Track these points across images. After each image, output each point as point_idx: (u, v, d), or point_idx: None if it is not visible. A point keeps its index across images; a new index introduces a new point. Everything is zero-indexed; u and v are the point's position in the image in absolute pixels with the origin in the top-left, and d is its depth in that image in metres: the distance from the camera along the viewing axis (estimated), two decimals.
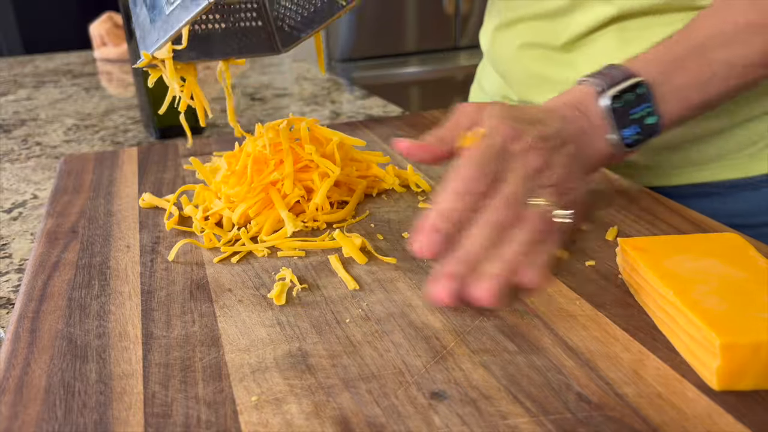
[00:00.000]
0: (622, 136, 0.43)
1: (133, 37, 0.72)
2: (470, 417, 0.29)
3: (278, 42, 0.51)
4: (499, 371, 0.32)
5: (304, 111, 0.93)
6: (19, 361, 0.34)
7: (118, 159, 0.65)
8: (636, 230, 0.46)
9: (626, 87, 0.42)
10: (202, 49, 0.49)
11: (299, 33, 0.51)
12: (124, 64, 1.33)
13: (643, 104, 0.43)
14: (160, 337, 0.36)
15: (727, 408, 0.29)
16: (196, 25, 0.49)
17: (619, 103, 0.42)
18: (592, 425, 0.29)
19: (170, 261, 0.44)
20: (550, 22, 0.62)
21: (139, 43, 0.47)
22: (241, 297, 0.40)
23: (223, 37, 0.50)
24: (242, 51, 0.51)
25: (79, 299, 0.40)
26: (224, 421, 0.30)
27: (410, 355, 0.34)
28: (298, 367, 0.33)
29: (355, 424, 0.29)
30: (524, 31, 0.65)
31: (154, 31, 0.45)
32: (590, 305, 0.38)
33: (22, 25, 2.68)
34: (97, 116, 0.94)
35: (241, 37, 0.51)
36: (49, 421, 0.30)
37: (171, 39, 0.44)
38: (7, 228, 0.57)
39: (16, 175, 0.71)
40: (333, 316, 0.38)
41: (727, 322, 0.31)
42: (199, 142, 0.70)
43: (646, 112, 0.43)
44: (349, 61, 2.05)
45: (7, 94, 1.11)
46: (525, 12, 0.64)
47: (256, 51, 0.52)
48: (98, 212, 0.53)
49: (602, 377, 0.32)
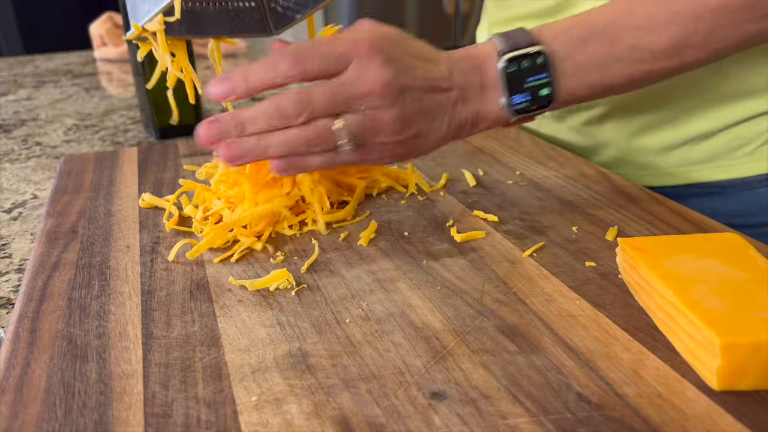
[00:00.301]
0: (511, 102, 0.42)
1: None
2: (470, 417, 0.29)
3: (271, 23, 0.51)
4: (499, 371, 0.32)
5: None
6: (19, 361, 0.34)
7: (118, 159, 0.65)
8: (636, 230, 0.46)
9: (525, 54, 0.42)
10: (194, 25, 0.49)
11: (293, 14, 0.50)
12: (124, 64, 1.33)
13: (540, 74, 0.42)
14: (160, 337, 0.36)
15: (727, 408, 0.29)
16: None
17: (515, 67, 0.42)
18: (592, 425, 0.29)
19: (170, 261, 0.44)
20: (543, 19, 0.62)
21: (130, 15, 0.46)
22: (241, 297, 0.40)
23: (216, 15, 0.50)
24: (234, 31, 0.50)
25: (79, 299, 0.40)
26: (224, 421, 0.30)
27: (410, 355, 0.34)
28: (298, 367, 0.33)
29: (355, 424, 0.29)
30: None
31: (145, 3, 0.45)
32: (590, 305, 0.38)
33: (22, 25, 2.67)
34: (97, 116, 0.94)
35: (233, 17, 0.50)
36: (49, 421, 0.30)
37: (163, 11, 0.44)
38: (7, 228, 0.57)
39: (16, 175, 0.71)
40: (333, 316, 0.38)
41: (727, 322, 0.31)
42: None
43: (542, 82, 0.42)
44: None
45: (7, 94, 1.11)
46: (519, 10, 0.64)
47: (248, 31, 0.51)
48: (98, 212, 0.53)
49: (602, 377, 0.32)
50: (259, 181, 0.49)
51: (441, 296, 0.39)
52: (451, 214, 0.51)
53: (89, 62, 1.38)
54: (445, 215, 0.51)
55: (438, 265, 0.43)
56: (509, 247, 0.45)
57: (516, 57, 0.42)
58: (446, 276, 0.41)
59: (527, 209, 0.51)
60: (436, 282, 0.41)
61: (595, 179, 0.56)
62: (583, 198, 0.52)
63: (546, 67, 0.42)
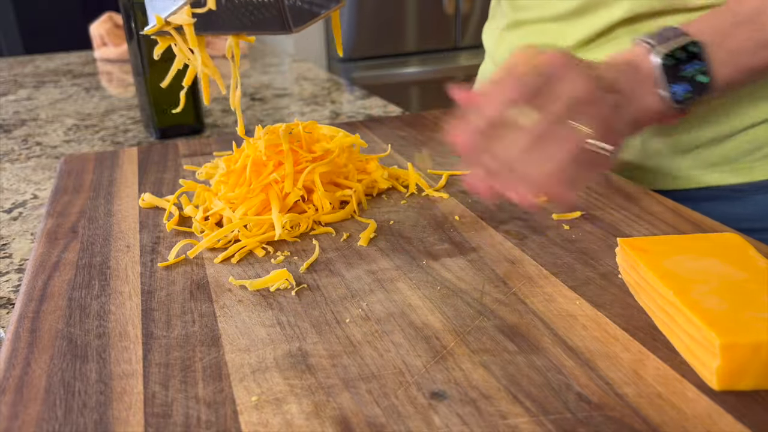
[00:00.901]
0: (672, 92, 0.44)
1: (133, 37, 0.72)
2: (470, 417, 0.29)
3: (290, 20, 0.50)
4: (499, 371, 0.32)
5: (304, 111, 0.93)
6: (20, 361, 0.34)
7: (118, 159, 0.65)
8: (636, 230, 0.46)
9: (678, 45, 0.44)
10: (211, 21, 0.48)
11: (313, 12, 0.50)
12: (124, 64, 1.33)
13: (695, 62, 0.44)
14: (160, 337, 0.36)
15: (727, 408, 0.29)
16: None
17: (671, 60, 0.44)
18: (592, 425, 0.29)
19: (170, 261, 0.44)
20: (559, 24, 0.61)
21: (149, 8, 0.44)
22: (241, 297, 0.40)
23: (234, 11, 0.49)
24: (253, 27, 0.49)
25: (79, 299, 0.40)
26: (224, 421, 0.30)
27: (410, 355, 0.34)
28: (298, 367, 0.33)
29: (355, 424, 0.29)
30: (532, 32, 0.65)
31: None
32: (590, 305, 0.38)
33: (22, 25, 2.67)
34: (97, 116, 0.94)
35: (252, 12, 0.49)
36: (49, 420, 0.30)
37: (187, 3, 0.42)
38: (7, 228, 0.57)
39: (16, 175, 0.71)
40: (333, 316, 0.38)
41: (727, 322, 0.31)
42: (198, 142, 0.70)
43: (698, 70, 0.44)
44: (349, 61, 2.04)
45: (8, 94, 1.11)
46: (534, 14, 0.64)
47: (267, 28, 0.50)
48: (98, 212, 0.53)
49: (602, 377, 0.32)
50: (258, 182, 0.49)
51: (441, 296, 0.39)
52: (451, 214, 0.51)
53: (89, 62, 1.38)
54: (445, 215, 0.51)
55: (438, 265, 0.43)
56: (509, 247, 0.45)
57: (670, 51, 0.44)
58: (446, 276, 0.42)
59: (527, 209, 0.51)
60: (436, 282, 0.41)
61: (596, 179, 0.56)
62: (583, 198, 0.52)
63: (700, 55, 0.44)
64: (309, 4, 0.50)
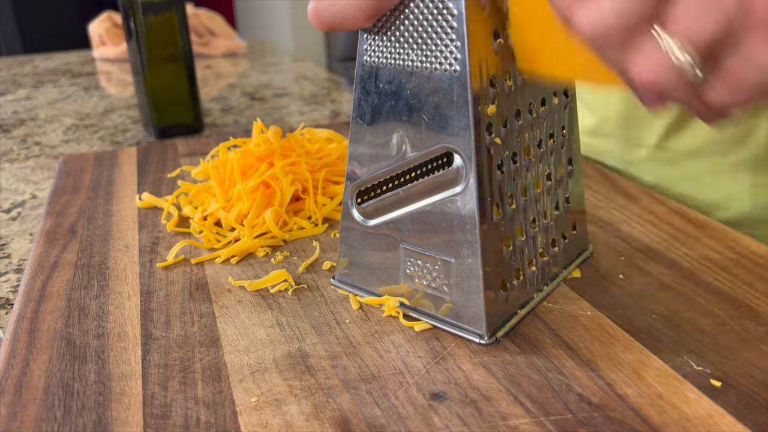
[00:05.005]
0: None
1: (132, 36, 0.72)
2: (470, 418, 0.29)
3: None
4: (500, 372, 0.32)
5: (303, 111, 0.93)
6: (18, 361, 0.34)
7: (117, 159, 0.65)
8: (636, 230, 0.46)
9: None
10: None
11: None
12: (123, 64, 1.33)
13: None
14: (159, 337, 0.36)
15: (729, 409, 0.29)
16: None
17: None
18: (592, 426, 0.29)
19: (169, 261, 0.44)
20: None
21: None
22: (240, 297, 0.40)
23: None
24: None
25: (78, 299, 0.40)
26: (223, 422, 0.30)
27: (410, 356, 0.34)
28: (298, 368, 0.33)
29: (355, 425, 0.29)
30: None
31: None
32: (590, 305, 0.38)
33: (22, 25, 2.68)
34: (97, 116, 0.94)
35: None
36: (48, 421, 0.30)
37: None
38: (6, 228, 0.57)
39: (15, 175, 0.71)
40: (333, 316, 0.38)
41: None
42: (198, 142, 0.70)
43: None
44: (349, 60, 2.04)
45: (7, 93, 1.11)
46: None
47: None
48: (97, 212, 0.53)
49: (603, 378, 0.32)
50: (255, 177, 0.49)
51: None
52: None
53: (88, 62, 1.38)
54: None
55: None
56: None
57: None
58: None
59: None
60: None
61: (596, 179, 0.56)
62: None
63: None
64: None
